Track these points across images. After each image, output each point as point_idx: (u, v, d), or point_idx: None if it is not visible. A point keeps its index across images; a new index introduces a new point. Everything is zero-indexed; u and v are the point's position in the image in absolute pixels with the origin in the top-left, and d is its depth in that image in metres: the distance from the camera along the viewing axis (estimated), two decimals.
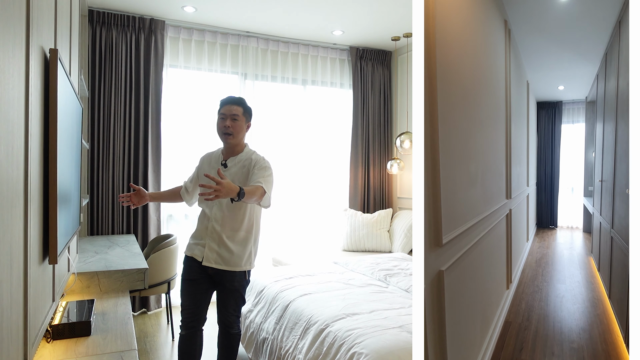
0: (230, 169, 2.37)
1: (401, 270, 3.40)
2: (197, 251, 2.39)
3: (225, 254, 2.35)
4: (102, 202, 4.06)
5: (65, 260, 1.71)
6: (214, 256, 2.35)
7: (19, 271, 0.95)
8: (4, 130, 0.82)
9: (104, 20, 4.04)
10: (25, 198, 0.98)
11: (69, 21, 1.76)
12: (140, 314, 4.16)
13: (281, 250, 4.85)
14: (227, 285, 2.40)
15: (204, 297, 2.46)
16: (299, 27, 4.52)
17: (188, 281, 2.44)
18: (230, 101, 2.38)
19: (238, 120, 2.35)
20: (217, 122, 2.39)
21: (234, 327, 2.50)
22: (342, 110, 5.15)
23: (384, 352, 2.02)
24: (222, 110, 2.37)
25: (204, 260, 2.36)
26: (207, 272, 2.40)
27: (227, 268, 2.36)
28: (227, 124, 2.32)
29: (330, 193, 5.10)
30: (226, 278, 2.38)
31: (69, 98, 1.50)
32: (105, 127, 4.07)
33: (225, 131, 2.33)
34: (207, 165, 2.48)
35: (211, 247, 2.35)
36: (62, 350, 1.61)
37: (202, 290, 2.44)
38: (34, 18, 1.03)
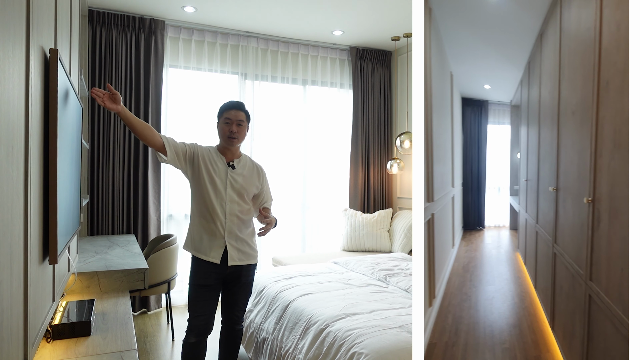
0: (237, 171, 2.43)
1: (401, 270, 3.40)
2: (214, 253, 2.35)
3: (246, 249, 2.43)
4: (102, 202, 4.06)
5: (65, 260, 1.71)
6: (237, 254, 2.39)
7: (19, 271, 0.95)
8: (4, 130, 0.82)
9: (104, 20, 4.04)
10: (25, 198, 0.98)
11: (69, 21, 1.76)
12: (140, 314, 4.16)
13: (281, 250, 4.85)
14: (243, 280, 2.46)
15: (216, 302, 2.47)
16: (299, 27, 4.52)
17: (204, 287, 2.39)
18: (236, 106, 2.42)
19: (243, 125, 2.42)
20: (222, 126, 2.41)
21: (239, 323, 2.56)
22: (342, 110, 5.15)
23: (384, 352, 2.02)
24: (227, 115, 2.40)
25: (229, 261, 2.36)
26: (224, 273, 2.40)
27: (249, 262, 2.44)
28: (234, 129, 2.38)
29: (330, 193, 5.10)
30: (243, 273, 2.44)
31: (69, 98, 1.50)
32: (105, 127, 4.07)
33: (231, 136, 2.38)
34: (214, 161, 2.40)
35: (233, 245, 2.38)
36: (62, 350, 1.61)
37: (217, 295, 2.45)
38: (34, 18, 1.03)
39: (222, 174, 2.39)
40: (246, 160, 2.51)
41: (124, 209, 4.14)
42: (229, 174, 2.40)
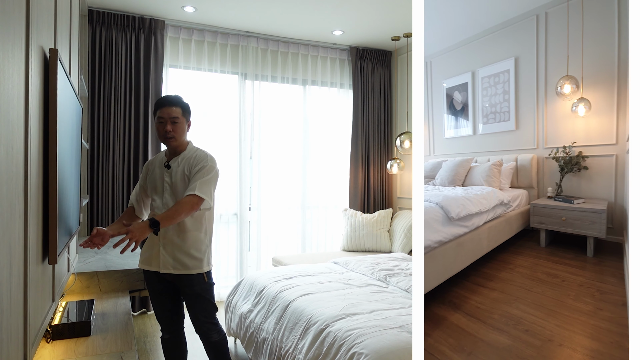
0: (173, 170, 2.24)
1: (401, 270, 3.40)
2: (153, 260, 2.25)
3: (183, 257, 2.21)
4: (102, 202, 4.06)
5: (65, 260, 1.71)
6: (172, 262, 2.21)
7: (19, 271, 0.94)
8: (4, 130, 0.82)
9: (104, 20, 4.04)
10: (25, 198, 0.97)
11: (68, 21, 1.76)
12: (140, 314, 4.16)
13: (281, 250, 4.85)
14: (188, 291, 2.26)
15: (172, 305, 2.36)
16: (299, 27, 4.52)
17: (153, 292, 2.33)
18: (167, 102, 2.21)
19: (178, 122, 2.21)
20: (156, 127, 2.23)
21: (212, 336, 2.35)
22: (342, 110, 5.15)
23: (384, 352, 2.02)
24: (159, 114, 2.20)
25: (162, 267, 2.22)
26: (163, 279, 2.27)
27: (186, 272, 2.22)
28: (168, 129, 2.19)
29: (330, 193, 5.10)
30: (184, 282, 2.24)
31: (69, 98, 1.50)
32: (105, 127, 4.07)
33: (167, 136, 2.20)
34: (153, 170, 2.33)
35: (168, 251, 2.21)
36: (62, 350, 1.61)
37: (169, 298, 2.34)
38: (33, 18, 1.02)
39: (159, 179, 2.26)
40: (189, 152, 2.26)
41: (124, 209, 4.14)
42: (165, 176, 2.25)
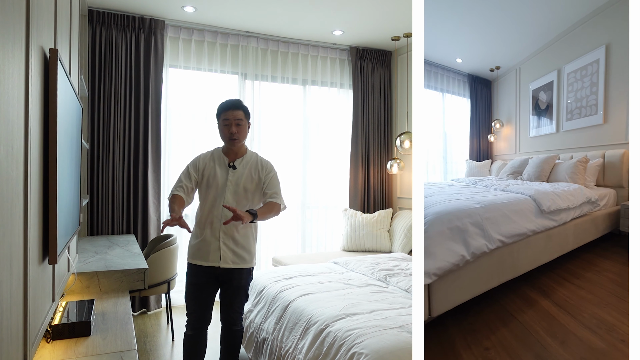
0: (239, 171, 2.41)
1: (401, 270, 3.40)
2: (212, 256, 2.39)
3: (242, 252, 2.41)
4: (102, 202, 4.06)
5: (65, 261, 1.71)
6: (232, 257, 2.39)
7: (19, 271, 0.94)
8: (4, 130, 0.82)
9: (104, 20, 4.04)
10: (25, 198, 0.97)
11: (68, 21, 1.76)
12: (140, 314, 4.16)
13: (281, 250, 4.85)
14: (235, 284, 2.44)
15: (209, 300, 2.50)
16: (299, 27, 4.52)
17: (195, 286, 2.46)
18: (232, 106, 2.40)
19: (242, 124, 2.40)
20: (221, 129, 2.42)
21: (237, 324, 2.55)
22: (342, 110, 5.15)
23: (384, 352, 2.02)
24: (225, 116, 2.39)
25: (222, 262, 2.38)
26: (215, 273, 2.42)
27: (242, 266, 2.42)
28: (233, 130, 2.37)
29: (330, 193, 5.10)
30: (235, 276, 2.42)
31: (69, 98, 1.50)
32: (105, 127, 4.07)
33: (232, 137, 2.38)
34: (213, 167, 2.44)
35: (228, 247, 2.38)
36: (62, 350, 1.61)
37: (209, 293, 2.48)
38: (33, 18, 1.02)
39: (222, 178, 2.41)
40: (251, 157, 2.48)
41: (124, 209, 4.14)
42: (230, 175, 2.40)
